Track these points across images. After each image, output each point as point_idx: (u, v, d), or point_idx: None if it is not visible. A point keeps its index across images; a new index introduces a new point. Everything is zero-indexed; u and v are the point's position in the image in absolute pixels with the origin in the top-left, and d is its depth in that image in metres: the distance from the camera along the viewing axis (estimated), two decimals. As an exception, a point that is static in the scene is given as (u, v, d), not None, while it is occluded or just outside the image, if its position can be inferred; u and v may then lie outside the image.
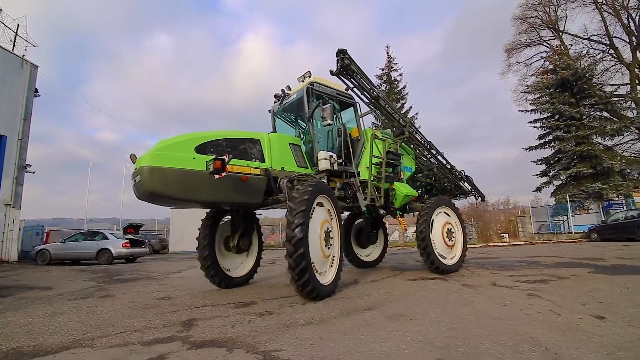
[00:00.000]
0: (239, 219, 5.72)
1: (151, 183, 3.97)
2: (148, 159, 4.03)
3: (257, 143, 5.04)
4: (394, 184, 6.65)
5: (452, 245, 6.62)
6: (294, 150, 5.48)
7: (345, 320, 3.24)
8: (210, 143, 4.51)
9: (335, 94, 6.20)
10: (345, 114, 6.75)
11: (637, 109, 21.98)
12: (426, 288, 4.90)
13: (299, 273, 3.96)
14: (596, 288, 4.31)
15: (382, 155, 6.37)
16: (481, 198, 8.90)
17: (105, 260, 13.50)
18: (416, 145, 7.62)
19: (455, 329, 2.82)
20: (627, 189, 19.89)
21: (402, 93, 27.83)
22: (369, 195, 5.95)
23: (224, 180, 4.27)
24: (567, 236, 19.60)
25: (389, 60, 28.63)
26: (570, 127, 21.51)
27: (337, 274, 4.69)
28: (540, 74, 25.50)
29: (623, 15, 23.51)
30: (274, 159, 5.07)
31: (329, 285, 4.43)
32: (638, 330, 2.56)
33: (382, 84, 28.02)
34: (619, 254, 8.77)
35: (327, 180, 5.61)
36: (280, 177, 4.92)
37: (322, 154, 5.41)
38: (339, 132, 5.97)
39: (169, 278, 7.69)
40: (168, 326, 3.28)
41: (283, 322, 3.23)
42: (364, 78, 6.28)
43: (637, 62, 23.22)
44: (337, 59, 5.81)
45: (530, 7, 27.55)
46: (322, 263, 4.49)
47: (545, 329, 2.70)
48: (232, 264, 5.89)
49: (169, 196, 4.11)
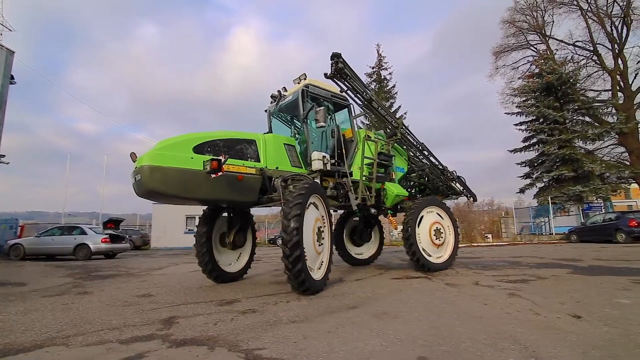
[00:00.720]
0: (235, 216, 6.00)
1: (151, 181, 4.20)
2: (148, 159, 4.25)
3: (253, 143, 5.29)
4: (385, 184, 6.83)
5: (441, 244, 6.74)
6: (289, 151, 5.73)
7: (330, 318, 3.26)
8: (207, 143, 4.75)
9: (329, 95, 6.43)
10: (340, 115, 6.94)
11: (617, 115, 22.79)
12: (411, 287, 4.97)
13: (292, 261, 4.18)
14: (574, 288, 4.47)
15: (373, 156, 6.56)
16: (473, 198, 9.09)
17: (83, 256, 13.16)
18: (409, 146, 7.79)
19: (438, 327, 2.87)
20: (605, 192, 20.65)
21: (392, 92, 28.07)
22: (359, 194, 6.14)
23: (220, 179, 4.49)
24: (548, 237, 20.24)
25: (379, 58, 28.81)
26: (554, 131, 22.15)
27: (327, 270, 4.98)
28: (527, 77, 26.10)
29: (607, 23, 24.28)
30: (269, 159, 5.32)
31: (319, 280, 4.68)
32: (612, 330, 2.66)
33: (372, 83, 28.17)
34: (596, 255, 9.11)
35: (320, 180, 5.83)
36: (275, 176, 5.12)
37: (315, 155, 5.62)
38: (332, 133, 6.16)
39: (150, 275, 7.56)
40: (148, 324, 3.23)
41: (266, 321, 3.22)
42: (357, 81, 6.50)
43: (619, 69, 24.05)
44: (332, 62, 6.04)
45: (519, 11, 28.12)
46: (314, 259, 4.76)
47: (525, 327, 2.78)
48: (227, 259, 6.16)
49: (167, 194, 4.35)
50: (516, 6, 28.00)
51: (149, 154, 4.31)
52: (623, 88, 23.94)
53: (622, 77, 23.98)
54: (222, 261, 5.97)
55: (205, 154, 4.62)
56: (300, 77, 6.16)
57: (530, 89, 23.86)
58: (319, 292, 4.59)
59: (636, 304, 3.49)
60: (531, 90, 23.73)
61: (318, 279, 4.65)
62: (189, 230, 22.99)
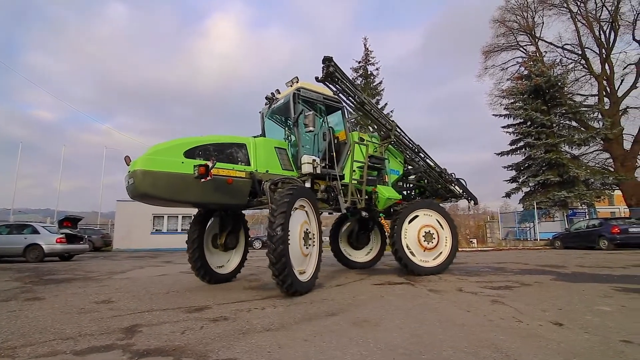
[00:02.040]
0: (227, 218, 6.33)
1: (143, 185, 4.57)
2: (141, 163, 4.61)
3: (244, 147, 5.65)
4: (377, 187, 7.05)
5: (432, 248, 6.91)
6: (280, 154, 6.06)
7: (307, 326, 3.26)
8: (198, 148, 5.13)
9: (322, 98, 6.70)
10: (335, 118, 7.20)
11: (603, 120, 24.00)
12: (393, 293, 5.05)
13: (279, 268, 4.49)
14: (556, 295, 4.67)
15: (364, 159, 6.81)
16: (474, 201, 9.33)
17: (35, 258, 12.59)
18: (404, 148, 7.99)
19: (420, 335, 2.93)
20: (590, 198, 21.70)
21: (379, 89, 28.38)
22: (349, 198, 6.44)
23: (210, 183, 4.81)
24: (532, 243, 21.07)
25: (366, 53, 29.05)
26: (541, 135, 23.05)
27: (316, 272, 5.33)
28: (515, 79, 27.05)
29: (595, 27, 25.53)
30: (259, 163, 5.66)
31: (307, 282, 5.04)
32: (592, 337, 2.80)
33: (358, 78, 28.38)
34: (579, 262, 9.56)
35: (312, 183, 6.14)
36: (265, 180, 5.47)
37: (305, 158, 5.89)
38: (324, 136, 6.42)
39: (111, 279, 7.33)
40: (107, 333, 3.12)
41: (239, 329, 3.19)
42: (349, 84, 6.78)
43: (605, 75, 25.33)
44: (323, 66, 6.32)
45: (509, 10, 29.09)
46: (301, 261, 5.08)
47: (507, 335, 2.88)
48: (219, 261, 6.51)
49: (159, 197, 4.72)
50: (507, 5, 28.98)
51: (141, 159, 4.67)
52: (609, 93, 25.22)
53: (609, 82, 25.26)
54: (213, 263, 6.32)
55: (197, 158, 4.99)
56: (293, 80, 6.42)
57: (518, 91, 24.73)
58: (309, 292, 5.01)
59: (616, 311, 3.69)
60: (519, 93, 24.60)
61: (306, 281, 5.01)
62: (156, 230, 22.43)
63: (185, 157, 4.90)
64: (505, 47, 30.15)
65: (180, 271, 8.81)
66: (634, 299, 4.34)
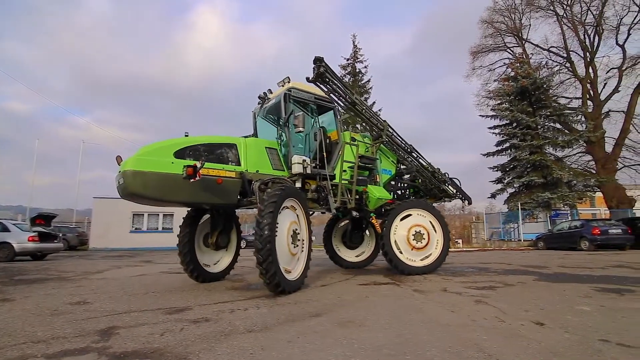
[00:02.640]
0: (219, 218, 6.47)
1: (133, 186, 4.70)
2: (131, 164, 4.72)
3: (234, 147, 5.79)
4: (367, 187, 7.17)
5: (422, 248, 7.05)
6: (270, 154, 6.22)
7: (291, 327, 3.26)
8: (188, 148, 5.26)
9: (313, 98, 6.86)
10: (327, 117, 7.38)
11: (586, 123, 24.80)
12: (378, 293, 5.10)
13: (266, 267, 4.62)
14: (539, 295, 4.81)
15: (354, 159, 6.96)
16: (468, 201, 9.50)
17: (5, 257, 12.17)
18: (396, 148, 8.10)
19: (404, 335, 2.97)
20: (572, 200, 22.41)
21: (367, 87, 28.53)
22: (339, 198, 6.60)
23: (199, 183, 4.92)
24: (516, 244, 21.62)
25: (355, 50, 29.18)
26: (526, 136, 23.66)
27: (304, 271, 5.48)
28: (502, 80, 27.67)
29: (580, 31, 26.33)
30: (249, 163, 5.79)
31: (296, 280, 5.21)
32: (572, 336, 2.90)
33: (346, 75, 28.47)
34: (561, 262, 9.86)
35: (303, 183, 6.33)
36: (255, 179, 5.62)
37: (295, 158, 6.05)
38: (315, 136, 6.54)
39: (86, 279, 7.15)
40: (81, 335, 3.05)
41: (221, 330, 3.16)
42: (341, 84, 6.93)
43: (589, 78, 26.17)
44: (314, 66, 6.45)
45: (497, 11, 29.71)
46: (289, 260, 5.23)
47: (490, 335, 2.95)
48: (210, 259, 6.67)
49: (148, 197, 4.85)
50: (495, 6, 29.59)
51: (132, 159, 4.78)
52: (592, 97, 26.08)
53: (592, 85, 26.11)
54: (205, 261, 6.50)
55: (187, 159, 5.12)
56: (285, 80, 6.53)
57: (505, 92, 25.30)
58: (298, 290, 5.17)
59: (595, 311, 3.82)
60: (506, 94, 25.18)
61: (294, 279, 5.18)
62: (135, 229, 21.99)
63: (175, 157, 5.03)
64: (493, 48, 30.79)
65: (161, 271, 8.67)
66: (612, 299, 4.51)
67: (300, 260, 5.52)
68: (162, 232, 22.05)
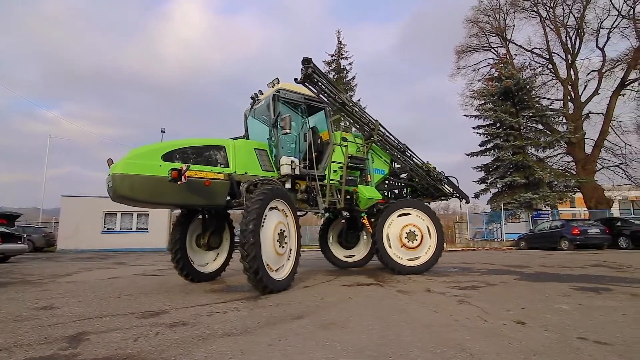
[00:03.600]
0: (210, 218, 6.65)
1: (121, 189, 4.92)
2: (120, 167, 4.96)
3: (222, 149, 6.00)
4: (358, 187, 7.32)
5: (415, 247, 7.20)
6: (260, 155, 6.41)
7: (272, 330, 3.25)
8: (177, 151, 5.47)
9: (303, 99, 7.03)
10: (318, 117, 7.59)
11: (567, 124, 25.73)
12: (361, 294, 5.14)
13: (253, 273, 4.86)
14: (520, 295, 4.96)
15: (343, 160, 7.10)
16: (465, 200, 9.67)
17: (-37, 259, 11.61)
18: (389, 148, 8.21)
19: (387, 336, 3.01)
20: (553, 200, 23.22)
21: (351, 84, 28.68)
22: (327, 198, 6.79)
23: (187, 185, 5.15)
24: (499, 243, 22.23)
25: (340, 46, 29.28)
26: (509, 137, 24.34)
27: (293, 270, 5.72)
28: (486, 80, 28.37)
29: (562, 33, 27.27)
30: (238, 164, 5.99)
31: (283, 280, 5.44)
32: (552, 335, 3.01)
33: (331, 72, 28.54)
34: (542, 262, 10.21)
35: (293, 183, 6.57)
36: (243, 181, 5.81)
37: (283, 160, 6.28)
38: (305, 137, 6.80)
39: (54, 283, 6.92)
40: (48, 342, 2.95)
41: (199, 334, 3.12)
42: (330, 84, 7.06)
43: (570, 80, 27.15)
44: (302, 67, 6.57)
45: (482, 11, 30.40)
46: (277, 261, 5.44)
47: (472, 335, 3.03)
48: (202, 260, 6.85)
49: (137, 199, 5.07)
50: (480, 6, 30.27)
51: (121, 163, 5.02)
52: (573, 98, 27.07)
53: (573, 87, 27.10)
54: (197, 262, 6.69)
55: (175, 161, 5.33)
56: (274, 82, 6.70)
57: (489, 92, 25.94)
58: (286, 289, 5.39)
59: (574, 309, 3.98)
60: (490, 94, 25.81)
61: (281, 279, 5.39)
62: (107, 229, 21.39)
63: (163, 160, 5.24)
64: (478, 47, 31.50)
65: (135, 273, 8.47)
66: (590, 297, 4.70)
67: (289, 260, 5.72)
68: (137, 233, 21.54)
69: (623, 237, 16.70)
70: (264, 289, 4.99)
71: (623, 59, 25.53)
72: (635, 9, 24.63)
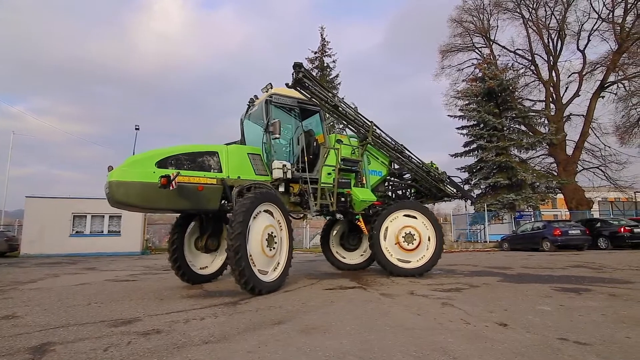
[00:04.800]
0: (208, 221, 6.89)
1: (117, 195, 5.32)
2: (116, 174, 5.35)
3: (216, 155, 6.36)
4: (352, 189, 7.49)
5: (413, 249, 7.33)
6: (253, 160, 6.75)
7: (251, 336, 3.22)
8: (171, 158, 5.84)
9: (296, 103, 7.31)
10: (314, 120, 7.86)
11: (549, 126, 26.62)
12: (344, 298, 5.17)
13: (239, 274, 5.13)
14: (503, 296, 5.10)
15: (335, 163, 7.33)
16: (470, 200, 9.77)
17: None
18: (386, 149, 8.29)
19: (370, 340, 3.03)
20: (535, 201, 23.97)
21: (334, 82, 28.80)
22: (318, 201, 7.02)
23: (180, 191, 5.54)
24: (482, 245, 22.77)
25: (323, 43, 29.36)
26: (493, 137, 25.00)
27: (284, 272, 6.02)
28: (470, 80, 29.06)
29: (544, 35, 28.23)
30: (231, 169, 6.35)
31: (273, 282, 5.72)
32: (533, 336, 3.10)
33: (314, 69, 28.58)
34: (524, 263, 10.52)
35: (287, 186, 6.89)
36: (236, 185, 6.12)
37: (275, 164, 6.59)
38: (298, 140, 7.08)
39: (16, 290, 6.65)
40: (9, 354, 2.83)
41: (174, 342, 3.06)
42: (321, 88, 7.24)
43: (552, 81, 28.13)
44: (293, 72, 6.73)
45: (466, 11, 31.16)
46: (266, 263, 5.72)
47: (455, 337, 3.08)
48: (202, 262, 7.16)
49: (133, 205, 5.47)
50: (464, 5, 30.99)
51: (117, 170, 5.42)
52: (555, 100, 28.06)
53: (555, 89, 28.09)
54: (196, 264, 7.03)
55: (169, 168, 5.69)
56: (267, 87, 7.01)
57: (472, 93, 26.58)
58: (275, 291, 5.65)
59: (555, 310, 4.12)
60: (474, 94, 26.46)
61: (271, 281, 5.68)
62: (76, 232, 20.71)
63: (157, 167, 5.60)
64: (462, 47, 32.23)
65: (106, 279, 8.24)
66: (571, 298, 4.87)
67: (280, 262, 6.02)
68: (109, 236, 20.93)
69: (602, 238, 17.40)
70: (252, 290, 5.24)
71: (603, 62, 26.71)
72: (614, 13, 25.79)
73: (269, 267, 5.80)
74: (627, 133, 26.84)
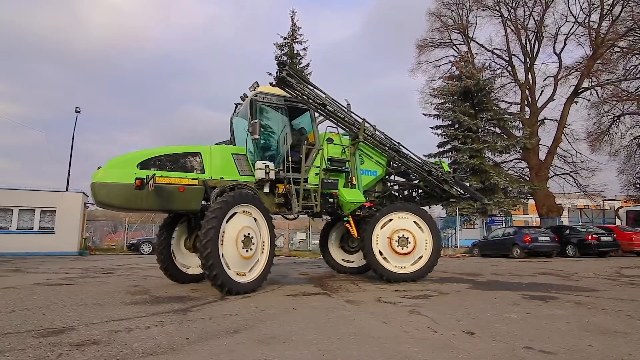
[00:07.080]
0: (196, 221, 6.91)
1: (100, 196, 5.91)
2: (99, 176, 5.88)
3: (198, 156, 6.76)
4: (339, 190, 7.58)
5: (407, 253, 7.42)
6: (237, 160, 7.12)
7: (203, 347, 3.16)
8: (153, 159, 6.30)
9: (284, 101, 7.54)
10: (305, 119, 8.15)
11: (523, 129, 28.04)
12: (307, 305, 5.19)
13: (208, 268, 5.52)
14: (471, 304, 5.31)
15: (319, 163, 7.57)
16: (479, 201, 9.93)
17: None
18: (381, 148, 8.31)
19: (332, 350, 3.06)
20: (507, 206, 25.20)
21: (305, 72, 28.74)
22: (300, 202, 7.23)
23: (160, 191, 6.00)
24: (453, 250, 23.62)
25: (294, 29, 29.17)
26: (467, 139, 25.99)
27: (263, 272, 6.36)
28: (447, 78, 30.02)
29: (522, 35, 29.66)
30: (213, 170, 6.75)
31: (249, 283, 6.08)
32: (499, 344, 3.26)
33: (282, 56, 28.38)
34: (494, 270, 11.02)
35: (272, 187, 7.15)
36: (218, 186, 6.51)
37: (257, 164, 6.85)
38: (285, 140, 7.29)
39: None
40: None
41: (113, 354, 2.95)
42: (307, 86, 7.37)
43: (528, 84, 29.65)
44: (277, 70, 6.93)
45: (445, 5, 32.13)
46: (243, 264, 6.09)
47: (421, 346, 3.18)
48: (190, 262, 7.52)
49: (115, 206, 6.11)
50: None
51: (99, 172, 5.92)
52: (530, 103, 29.58)
53: (530, 91, 29.62)
54: (185, 263, 7.50)
55: (152, 169, 6.15)
56: (254, 85, 7.23)
57: (449, 91, 27.48)
58: (251, 292, 6.03)
59: (522, 318, 4.35)
60: (450, 93, 27.36)
61: (247, 282, 6.04)
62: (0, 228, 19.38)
63: (139, 168, 6.06)
64: (440, 43, 33.21)
65: (35, 282, 7.78)
66: (538, 306, 5.17)
67: (257, 263, 6.34)
68: (39, 233, 19.77)
69: (571, 245, 18.55)
70: (229, 293, 5.67)
71: (578, 67, 28.43)
72: (590, 18, 27.54)
73: (246, 268, 6.14)
74: (598, 140, 28.79)
